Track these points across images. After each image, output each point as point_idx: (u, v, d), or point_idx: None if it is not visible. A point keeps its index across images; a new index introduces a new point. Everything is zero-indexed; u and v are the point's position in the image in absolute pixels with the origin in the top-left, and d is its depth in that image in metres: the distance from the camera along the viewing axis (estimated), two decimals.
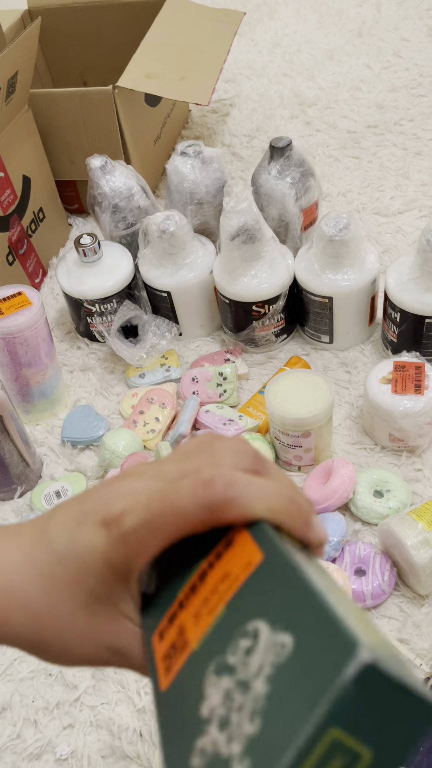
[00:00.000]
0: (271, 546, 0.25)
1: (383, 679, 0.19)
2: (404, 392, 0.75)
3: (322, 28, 1.55)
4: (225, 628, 0.24)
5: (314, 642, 0.20)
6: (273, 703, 0.20)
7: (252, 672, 0.21)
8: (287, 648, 0.21)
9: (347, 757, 0.19)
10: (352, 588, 0.67)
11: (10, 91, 0.93)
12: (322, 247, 0.82)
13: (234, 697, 0.21)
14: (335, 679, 0.18)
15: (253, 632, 0.22)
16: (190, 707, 0.23)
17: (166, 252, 0.88)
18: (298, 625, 0.21)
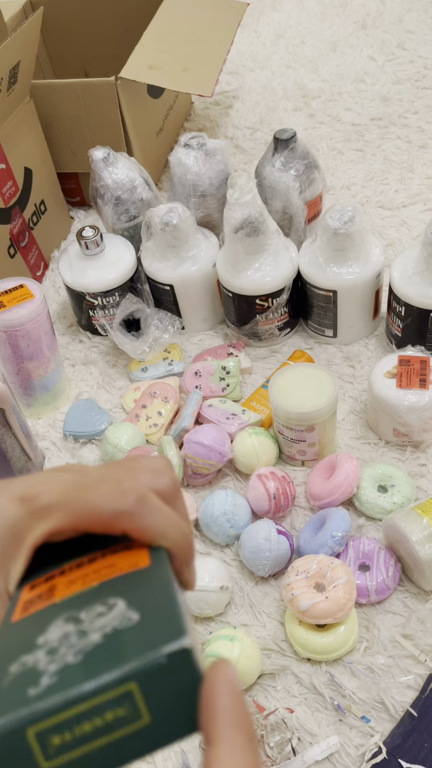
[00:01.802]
0: (160, 561, 0.28)
1: (190, 666, 0.22)
2: (409, 387, 0.75)
3: (326, 19, 1.53)
4: (89, 596, 0.27)
5: (154, 623, 0.24)
6: (99, 650, 0.23)
7: (94, 628, 0.24)
8: (132, 621, 0.24)
9: (131, 710, 0.22)
10: (357, 583, 0.67)
11: (12, 81, 0.92)
12: (326, 240, 0.82)
13: (70, 639, 0.24)
14: (153, 649, 0.22)
15: (111, 605, 0.26)
16: (28, 635, 0.26)
17: (169, 245, 0.88)
18: (149, 608, 0.25)
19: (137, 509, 0.29)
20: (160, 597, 0.26)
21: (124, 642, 0.23)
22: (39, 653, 0.24)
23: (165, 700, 0.22)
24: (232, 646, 0.62)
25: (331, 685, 0.64)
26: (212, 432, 0.77)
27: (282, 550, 0.69)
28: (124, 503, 0.29)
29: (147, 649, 0.22)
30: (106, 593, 0.27)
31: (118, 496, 0.29)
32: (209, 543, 0.75)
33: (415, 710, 0.62)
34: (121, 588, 0.27)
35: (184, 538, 0.30)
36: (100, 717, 0.22)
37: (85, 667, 0.23)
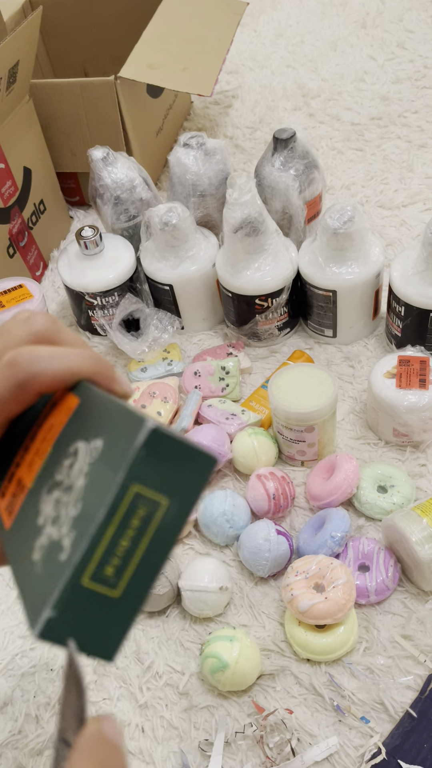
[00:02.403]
0: (86, 391, 0.29)
1: (167, 438, 0.23)
2: (409, 387, 0.75)
3: (326, 18, 1.53)
4: (52, 461, 0.28)
5: (117, 434, 0.24)
6: (89, 487, 0.24)
7: (74, 476, 0.25)
8: (99, 448, 0.25)
9: (149, 505, 0.23)
10: (356, 584, 0.67)
11: (11, 81, 0.92)
12: (326, 239, 0.81)
13: (61, 500, 0.25)
14: (129, 448, 0.23)
15: (74, 451, 0.26)
16: (29, 525, 0.27)
17: (169, 245, 0.88)
18: (106, 429, 0.25)
19: (34, 368, 0.28)
20: (107, 412, 0.26)
21: (104, 465, 0.24)
22: (46, 529, 0.25)
23: (168, 475, 0.24)
24: (231, 646, 0.62)
25: (331, 685, 0.64)
26: (212, 432, 0.77)
27: (281, 551, 0.69)
28: (19, 372, 0.28)
29: (123, 453, 0.23)
30: (64, 446, 0.27)
31: (9, 371, 0.28)
32: (209, 543, 0.75)
33: (415, 711, 0.62)
34: (72, 433, 0.27)
35: (95, 360, 0.30)
36: (129, 528, 0.23)
37: (88, 505, 0.23)
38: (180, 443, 0.24)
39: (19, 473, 0.30)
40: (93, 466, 0.25)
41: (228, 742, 0.62)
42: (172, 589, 0.69)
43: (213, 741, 0.62)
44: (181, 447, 0.24)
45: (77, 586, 0.23)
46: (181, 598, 0.69)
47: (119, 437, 0.24)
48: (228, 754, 0.61)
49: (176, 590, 0.69)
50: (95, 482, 0.24)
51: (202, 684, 0.65)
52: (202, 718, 0.64)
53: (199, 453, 0.24)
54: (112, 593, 0.23)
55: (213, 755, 0.61)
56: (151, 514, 0.24)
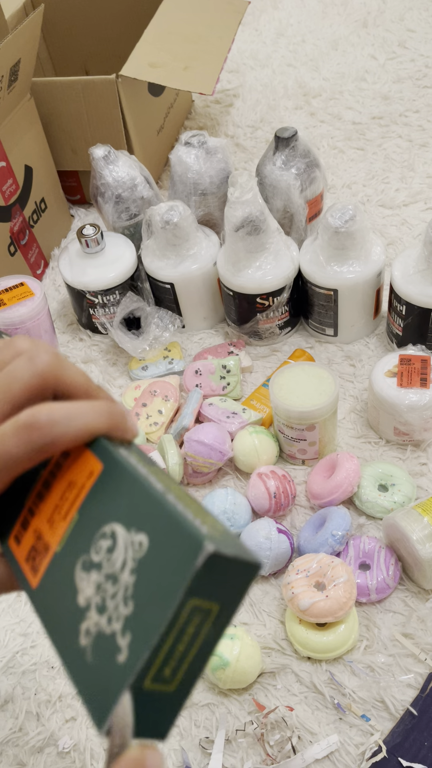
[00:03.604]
0: (108, 456, 0.29)
1: (222, 559, 0.24)
2: (410, 386, 0.75)
3: (327, 18, 1.53)
4: (82, 531, 0.28)
5: (166, 539, 0.25)
6: (141, 588, 0.25)
7: (117, 567, 0.26)
8: (144, 545, 0.25)
9: (202, 614, 0.25)
10: (357, 582, 0.67)
11: (13, 79, 0.92)
12: (327, 238, 0.81)
13: (106, 588, 0.26)
14: (190, 568, 0.24)
15: (111, 533, 0.27)
16: (66, 600, 0.27)
17: (170, 243, 0.88)
18: (149, 526, 0.26)
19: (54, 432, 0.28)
20: (143, 501, 0.27)
21: (156, 570, 0.25)
22: (92, 615, 0.26)
23: (221, 585, 0.25)
24: (232, 644, 0.62)
25: (331, 683, 0.64)
26: (212, 431, 0.77)
27: (282, 549, 0.69)
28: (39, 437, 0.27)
29: (183, 571, 0.24)
30: (95, 522, 0.28)
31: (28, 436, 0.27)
32: None
33: (416, 709, 0.62)
34: (103, 509, 0.28)
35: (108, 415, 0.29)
36: (185, 635, 0.25)
37: (143, 610, 0.25)
38: (232, 559, 0.25)
39: (36, 524, 0.30)
40: (141, 565, 0.25)
41: (229, 740, 0.62)
42: None
43: (214, 739, 0.62)
44: (232, 561, 0.25)
45: (140, 690, 0.24)
46: None
47: (171, 546, 0.25)
48: (229, 752, 0.61)
49: None
50: (148, 588, 0.25)
51: (203, 682, 0.65)
52: (202, 716, 0.64)
53: (248, 563, 0.25)
54: (168, 688, 0.25)
55: (214, 753, 0.61)
56: (204, 620, 0.25)
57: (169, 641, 0.24)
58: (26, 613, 0.73)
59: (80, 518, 0.28)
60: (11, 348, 0.31)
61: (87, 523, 0.28)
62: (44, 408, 0.28)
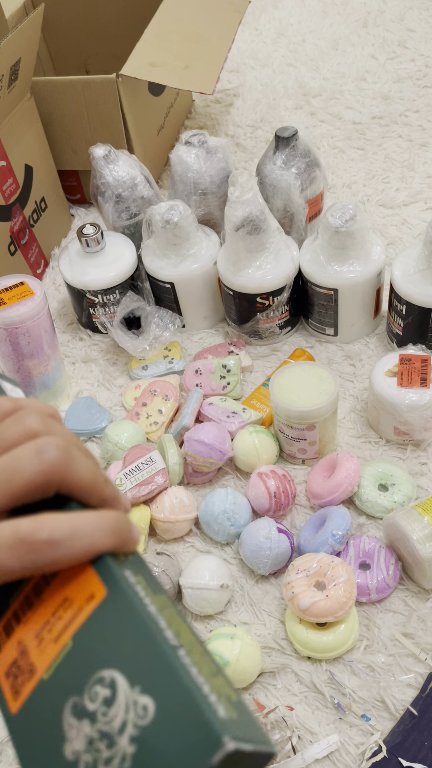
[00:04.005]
0: (113, 580, 0.26)
1: (240, 755, 0.22)
2: (410, 385, 0.75)
3: (327, 17, 1.53)
4: (75, 664, 0.25)
5: (176, 714, 0.22)
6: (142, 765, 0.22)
7: (115, 727, 0.23)
8: (149, 712, 0.23)
9: None
10: (357, 582, 0.67)
11: (13, 78, 0.92)
12: (327, 238, 0.81)
13: (99, 748, 0.23)
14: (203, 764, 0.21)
15: (110, 682, 0.24)
16: (50, 744, 0.24)
17: (170, 243, 0.88)
18: (157, 691, 0.23)
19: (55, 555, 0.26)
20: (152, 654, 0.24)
21: (162, 750, 0.22)
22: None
23: None
24: (232, 644, 0.62)
25: (332, 683, 0.64)
26: (213, 430, 0.77)
27: (282, 549, 0.69)
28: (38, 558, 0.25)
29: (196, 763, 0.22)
30: (92, 659, 0.25)
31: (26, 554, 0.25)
32: (209, 541, 0.75)
33: (416, 709, 0.62)
34: (103, 648, 0.25)
35: (115, 534, 0.27)
36: None
37: None
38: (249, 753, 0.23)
39: (21, 635, 0.27)
40: (144, 737, 0.23)
41: None
42: (173, 587, 0.69)
43: None
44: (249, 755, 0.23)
45: None
46: (182, 596, 0.69)
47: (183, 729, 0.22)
48: None
49: (177, 588, 0.69)
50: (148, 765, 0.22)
51: None
52: None
53: (263, 754, 0.23)
54: None
55: None
56: None
57: None
58: None
59: (74, 648, 0.26)
60: (20, 425, 0.28)
61: (82, 658, 0.25)
62: (47, 525, 0.26)
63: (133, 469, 0.75)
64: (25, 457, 0.27)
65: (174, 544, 0.75)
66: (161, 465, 0.75)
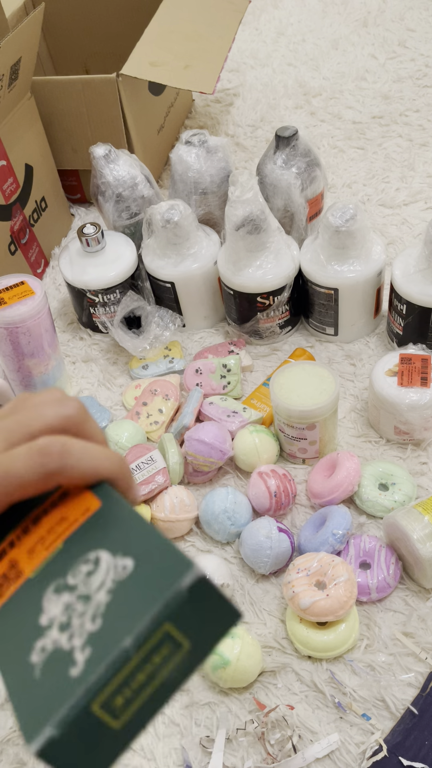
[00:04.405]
0: (109, 496, 0.28)
1: (210, 589, 0.24)
2: (410, 385, 0.75)
3: (327, 17, 1.53)
4: (64, 558, 0.27)
5: (153, 561, 0.24)
6: (114, 607, 0.24)
7: (93, 588, 0.25)
8: (128, 568, 0.24)
9: (173, 645, 0.23)
10: (357, 581, 0.67)
11: (13, 78, 0.92)
12: (328, 237, 0.81)
13: (75, 607, 0.25)
14: (173, 586, 0.23)
15: (95, 559, 0.26)
16: (26, 619, 0.26)
17: (170, 242, 0.88)
18: (138, 551, 0.25)
19: (65, 462, 0.28)
20: (137, 531, 0.26)
21: (135, 590, 0.24)
22: (51, 633, 0.24)
23: (198, 623, 0.24)
24: (232, 643, 0.62)
25: (332, 682, 0.64)
26: (213, 430, 0.77)
27: (283, 548, 0.69)
28: (49, 462, 0.28)
29: (165, 589, 0.23)
30: (80, 549, 0.27)
31: (39, 458, 0.28)
32: (210, 540, 0.75)
33: (416, 708, 0.62)
34: (92, 538, 0.27)
35: (120, 466, 0.30)
36: (149, 663, 0.23)
37: (111, 626, 0.23)
38: (219, 596, 0.24)
39: (13, 554, 0.29)
40: (120, 586, 0.24)
41: (229, 739, 0.62)
42: None
43: (214, 738, 0.62)
44: (217, 599, 0.24)
45: (85, 710, 0.22)
46: None
47: (158, 568, 0.24)
48: (229, 751, 0.61)
49: None
50: (122, 605, 0.24)
51: (204, 681, 0.66)
52: (203, 715, 0.64)
53: (230, 608, 0.24)
54: (113, 724, 0.23)
55: (214, 752, 0.61)
56: (171, 655, 0.23)
57: (132, 664, 0.23)
58: None
59: (64, 547, 0.27)
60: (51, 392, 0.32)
61: (71, 552, 0.27)
62: (61, 438, 0.29)
63: (134, 468, 0.75)
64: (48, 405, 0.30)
65: None
66: (162, 464, 0.75)
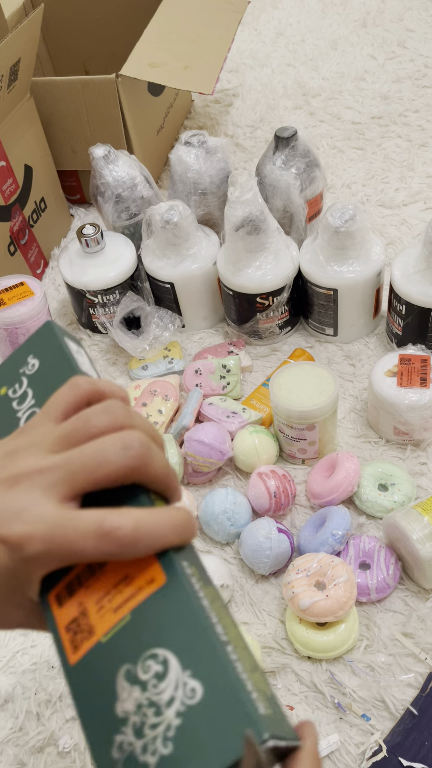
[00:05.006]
0: (173, 571, 0.29)
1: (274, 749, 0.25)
2: (410, 385, 0.75)
3: (326, 17, 1.53)
4: (131, 637, 0.28)
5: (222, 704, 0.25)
6: (185, 737, 0.25)
7: (164, 700, 0.26)
8: (197, 695, 0.26)
9: None
10: (357, 582, 0.67)
11: (12, 78, 0.92)
12: (327, 238, 0.82)
13: (146, 713, 0.26)
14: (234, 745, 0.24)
15: (163, 660, 0.27)
16: (104, 699, 0.28)
17: (170, 243, 0.88)
18: (206, 679, 0.26)
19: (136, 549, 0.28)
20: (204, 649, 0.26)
21: (205, 729, 0.25)
22: (128, 732, 0.26)
23: None
24: None
25: (332, 683, 0.64)
26: (212, 430, 0.77)
27: (282, 549, 0.69)
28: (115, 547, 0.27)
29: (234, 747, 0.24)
30: (148, 637, 0.28)
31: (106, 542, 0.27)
32: (209, 541, 0.75)
33: (416, 708, 0.62)
34: (159, 629, 0.28)
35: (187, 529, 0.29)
36: None
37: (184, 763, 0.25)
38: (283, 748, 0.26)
39: (82, 598, 0.30)
40: (190, 714, 0.25)
41: None
42: None
43: None
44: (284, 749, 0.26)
45: None
46: None
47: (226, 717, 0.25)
48: None
49: None
50: (193, 742, 0.25)
51: None
52: None
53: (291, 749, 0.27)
54: None
55: None
56: None
57: None
58: None
59: (132, 621, 0.28)
60: (109, 416, 0.30)
61: (138, 632, 0.28)
62: (131, 521, 0.28)
63: None
64: (112, 450, 0.29)
65: None
66: None
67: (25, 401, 0.36)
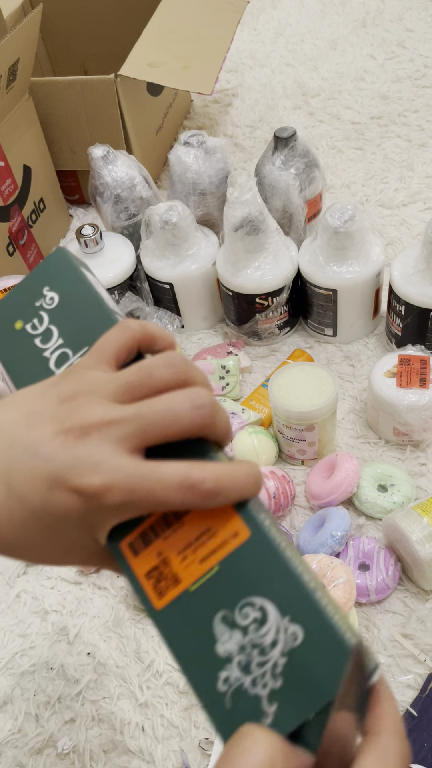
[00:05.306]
0: (255, 525, 0.30)
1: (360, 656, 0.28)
2: (409, 386, 0.75)
3: (326, 17, 1.53)
4: (223, 586, 0.29)
5: (322, 643, 0.27)
6: (293, 672, 0.27)
7: (267, 642, 0.28)
8: (299, 638, 0.28)
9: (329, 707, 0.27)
10: (356, 583, 0.67)
11: (11, 78, 0.92)
12: (326, 238, 0.81)
13: (252, 654, 0.28)
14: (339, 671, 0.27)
15: (260, 607, 0.28)
16: (202, 641, 0.29)
17: (169, 243, 0.87)
18: (305, 623, 0.28)
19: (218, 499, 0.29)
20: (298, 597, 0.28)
21: (308, 665, 0.27)
22: (233, 668, 0.28)
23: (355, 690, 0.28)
24: None
25: None
26: None
27: None
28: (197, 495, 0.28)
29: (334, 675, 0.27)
30: (240, 586, 0.29)
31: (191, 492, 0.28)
32: None
33: (415, 710, 0.62)
34: (250, 579, 0.29)
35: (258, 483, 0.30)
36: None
37: (294, 695, 0.27)
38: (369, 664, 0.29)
39: (162, 548, 0.30)
40: (295, 654, 0.27)
41: None
42: None
43: (213, 740, 0.62)
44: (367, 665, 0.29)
45: None
46: None
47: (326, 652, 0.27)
48: None
49: None
50: (300, 674, 0.27)
51: None
52: (202, 717, 0.64)
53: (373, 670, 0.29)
54: None
55: (213, 754, 0.61)
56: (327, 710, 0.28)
57: None
58: (25, 615, 0.72)
59: (220, 572, 0.29)
60: (173, 369, 0.31)
61: (229, 582, 0.29)
62: (214, 475, 0.29)
63: None
64: (183, 409, 0.30)
65: None
66: None
67: (51, 340, 0.35)
